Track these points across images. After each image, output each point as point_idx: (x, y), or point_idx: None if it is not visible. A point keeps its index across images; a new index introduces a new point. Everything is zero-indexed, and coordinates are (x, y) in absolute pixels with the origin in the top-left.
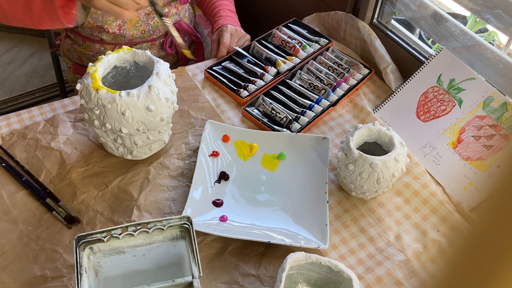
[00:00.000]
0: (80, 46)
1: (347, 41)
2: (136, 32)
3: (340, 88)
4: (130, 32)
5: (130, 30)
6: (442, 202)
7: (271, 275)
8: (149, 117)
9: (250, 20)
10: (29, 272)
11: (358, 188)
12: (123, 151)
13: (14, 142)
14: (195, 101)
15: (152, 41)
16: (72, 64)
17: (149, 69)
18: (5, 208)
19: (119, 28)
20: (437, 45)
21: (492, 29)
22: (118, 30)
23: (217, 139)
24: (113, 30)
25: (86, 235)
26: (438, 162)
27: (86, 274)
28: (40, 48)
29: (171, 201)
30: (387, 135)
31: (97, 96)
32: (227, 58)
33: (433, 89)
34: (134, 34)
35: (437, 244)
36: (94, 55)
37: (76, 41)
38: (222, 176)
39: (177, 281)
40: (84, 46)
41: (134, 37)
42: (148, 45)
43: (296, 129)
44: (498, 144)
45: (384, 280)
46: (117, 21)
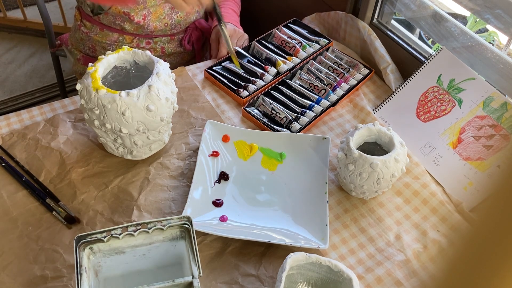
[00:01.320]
0: (97, 35)
1: (347, 41)
2: (159, 24)
3: (340, 88)
4: (153, 24)
5: (154, 22)
6: (442, 202)
7: (271, 275)
8: (149, 117)
9: (250, 20)
10: (29, 272)
11: (358, 188)
12: (123, 151)
13: (14, 142)
14: (195, 101)
15: (171, 35)
16: (81, 55)
17: (149, 69)
18: (5, 208)
19: (144, 18)
20: (437, 45)
21: (492, 29)
22: (143, 19)
23: (217, 139)
24: (138, 19)
25: (86, 235)
26: (438, 162)
27: (86, 274)
28: (40, 48)
29: (171, 201)
30: (387, 135)
31: (97, 96)
32: (227, 58)
33: (433, 89)
34: (156, 26)
35: (437, 244)
36: (111, 45)
37: (92, 29)
38: (222, 176)
39: (177, 281)
40: (101, 35)
41: (156, 29)
42: (167, 39)
43: (296, 129)
44: (498, 144)
45: (384, 280)
46: (143, 11)
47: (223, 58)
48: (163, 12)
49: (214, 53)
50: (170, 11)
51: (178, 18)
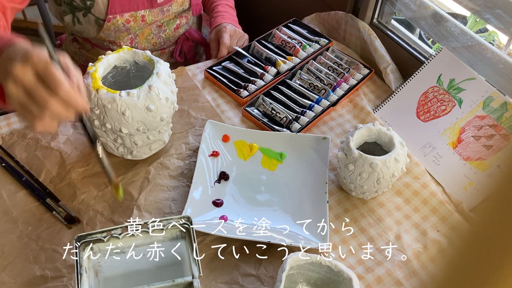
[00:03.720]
0: (88, 52)
1: (347, 41)
2: (148, 45)
3: (340, 88)
4: (142, 45)
5: (142, 43)
6: (442, 202)
7: (271, 275)
8: (149, 117)
9: (250, 20)
10: (29, 272)
11: (358, 188)
12: (123, 151)
13: (14, 142)
14: (195, 101)
15: (162, 49)
16: (78, 65)
17: (149, 69)
18: (5, 208)
19: (130, 42)
20: (437, 45)
21: (492, 29)
22: (130, 43)
23: (217, 139)
24: (125, 44)
25: (86, 235)
26: (438, 162)
27: (86, 274)
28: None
29: (171, 201)
30: (387, 135)
31: (97, 96)
32: (227, 58)
33: (433, 89)
34: (145, 46)
35: (437, 244)
36: None
37: (84, 45)
38: (222, 176)
39: (177, 281)
40: (92, 51)
41: (145, 49)
42: (158, 53)
43: (296, 129)
44: (498, 144)
45: (384, 280)
46: (129, 35)
47: (223, 58)
48: (150, 32)
49: (214, 53)
50: (157, 30)
51: (166, 35)
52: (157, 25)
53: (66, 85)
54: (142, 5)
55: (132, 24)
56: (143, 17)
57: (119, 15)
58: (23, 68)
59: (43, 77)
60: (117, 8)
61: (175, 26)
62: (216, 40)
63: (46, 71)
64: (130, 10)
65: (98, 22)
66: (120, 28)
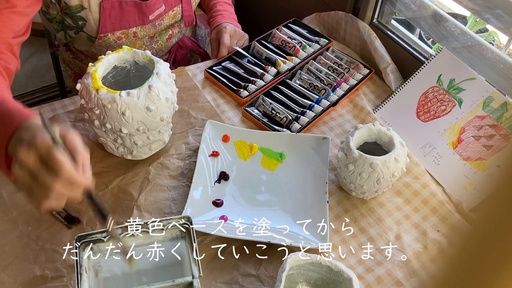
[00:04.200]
0: (82, 62)
1: (347, 41)
2: None
3: (340, 88)
4: None
5: None
6: (442, 202)
7: (271, 275)
8: (149, 117)
9: (250, 20)
10: (29, 272)
11: (358, 188)
12: (123, 151)
13: None
14: (195, 101)
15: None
16: (73, 72)
17: (149, 69)
18: (5, 208)
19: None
20: (437, 45)
21: (492, 29)
22: None
23: (217, 139)
24: None
25: (86, 235)
26: (438, 162)
27: (86, 274)
28: (40, 48)
29: (171, 201)
30: (387, 135)
31: (97, 96)
32: (227, 58)
33: (433, 89)
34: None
35: (437, 244)
36: None
37: (77, 55)
38: (222, 176)
39: (177, 281)
40: (86, 61)
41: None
42: None
43: (296, 129)
44: (498, 144)
45: (384, 280)
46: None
47: (223, 58)
48: (142, 44)
49: (214, 53)
50: (149, 42)
51: (159, 46)
52: (149, 36)
53: (68, 167)
54: (134, 23)
55: (124, 40)
56: (135, 34)
57: (110, 33)
58: (27, 153)
59: (46, 160)
60: (108, 27)
61: (167, 37)
62: (217, 40)
63: (49, 155)
64: (122, 28)
65: (90, 39)
66: (112, 45)
